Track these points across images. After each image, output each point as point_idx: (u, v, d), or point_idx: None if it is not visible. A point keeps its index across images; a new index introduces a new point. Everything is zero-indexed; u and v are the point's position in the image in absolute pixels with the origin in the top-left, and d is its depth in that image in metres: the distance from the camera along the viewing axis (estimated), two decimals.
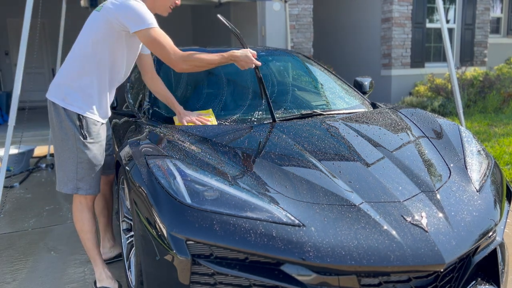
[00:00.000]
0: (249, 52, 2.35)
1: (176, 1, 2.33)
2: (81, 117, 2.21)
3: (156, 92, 2.61)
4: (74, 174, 2.25)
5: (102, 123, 2.33)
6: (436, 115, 2.81)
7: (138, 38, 2.18)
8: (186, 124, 2.47)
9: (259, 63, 2.39)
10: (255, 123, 2.58)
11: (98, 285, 2.35)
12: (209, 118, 2.54)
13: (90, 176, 2.28)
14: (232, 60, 2.32)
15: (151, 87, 2.61)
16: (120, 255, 2.70)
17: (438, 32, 9.50)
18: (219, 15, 2.47)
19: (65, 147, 2.23)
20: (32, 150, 5.30)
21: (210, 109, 2.64)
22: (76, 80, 2.21)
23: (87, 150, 2.25)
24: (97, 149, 2.29)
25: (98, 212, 2.66)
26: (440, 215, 1.78)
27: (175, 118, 2.56)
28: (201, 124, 2.48)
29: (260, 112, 2.74)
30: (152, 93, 2.72)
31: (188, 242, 1.64)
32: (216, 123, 2.54)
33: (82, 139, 2.22)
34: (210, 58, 2.26)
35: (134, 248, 2.03)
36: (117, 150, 2.40)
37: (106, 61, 2.23)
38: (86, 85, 2.21)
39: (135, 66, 2.61)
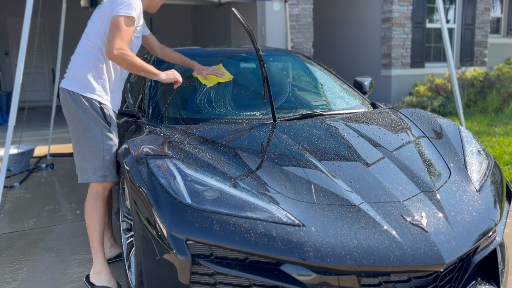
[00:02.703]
0: (172, 74, 2.48)
1: (164, 1, 2.53)
2: (102, 105, 2.31)
3: (170, 59, 2.83)
4: (101, 162, 2.30)
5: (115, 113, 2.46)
6: (436, 115, 2.81)
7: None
8: (206, 75, 2.79)
9: (179, 80, 2.51)
10: (255, 123, 2.58)
11: (95, 282, 2.31)
12: (223, 71, 2.86)
13: (113, 163, 2.35)
14: (157, 78, 2.41)
15: (164, 56, 2.82)
16: (120, 255, 2.70)
17: (438, 32, 9.50)
18: (234, 9, 2.49)
19: (89, 136, 2.28)
20: (32, 150, 5.30)
21: (220, 64, 2.92)
22: (94, 72, 2.30)
23: (113, 136, 2.35)
24: (116, 137, 2.39)
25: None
26: (440, 215, 1.78)
27: (194, 73, 2.85)
28: (217, 75, 2.80)
29: (261, 112, 2.74)
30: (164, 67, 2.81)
31: (188, 242, 1.64)
32: (231, 76, 2.85)
33: (107, 126, 2.31)
34: (141, 64, 2.29)
35: (134, 248, 2.03)
36: (117, 150, 2.40)
37: None
38: (105, 77, 2.33)
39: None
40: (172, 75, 2.47)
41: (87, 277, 2.38)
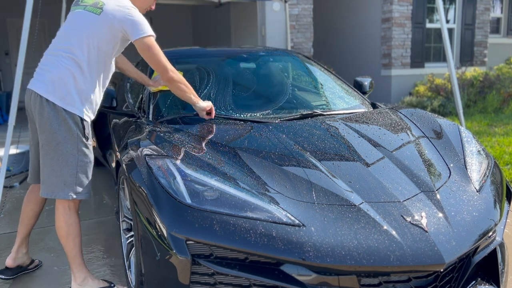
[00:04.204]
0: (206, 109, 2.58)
1: (152, 6, 2.49)
2: (82, 119, 2.19)
3: (128, 71, 2.83)
4: (73, 178, 2.17)
5: None
6: (436, 115, 2.81)
7: (135, 45, 2.25)
8: (155, 89, 2.83)
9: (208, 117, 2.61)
10: (255, 123, 2.58)
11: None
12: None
13: (88, 179, 2.23)
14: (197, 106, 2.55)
15: (123, 67, 2.80)
16: (20, 267, 2.57)
17: (438, 32, 9.50)
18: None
19: (63, 151, 2.14)
20: None
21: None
22: (75, 82, 2.15)
23: (89, 152, 2.23)
24: (91, 153, 2.29)
25: (29, 218, 2.53)
26: (440, 215, 1.78)
27: (151, 88, 2.87)
28: (161, 86, 2.80)
29: (261, 113, 2.74)
30: (149, 90, 2.76)
31: (188, 242, 1.64)
32: None
33: (85, 141, 2.20)
34: (188, 90, 2.47)
35: (134, 248, 2.03)
36: (117, 150, 2.40)
37: (108, 65, 2.29)
38: (85, 87, 2.19)
39: None
40: (209, 108, 2.56)
41: None
